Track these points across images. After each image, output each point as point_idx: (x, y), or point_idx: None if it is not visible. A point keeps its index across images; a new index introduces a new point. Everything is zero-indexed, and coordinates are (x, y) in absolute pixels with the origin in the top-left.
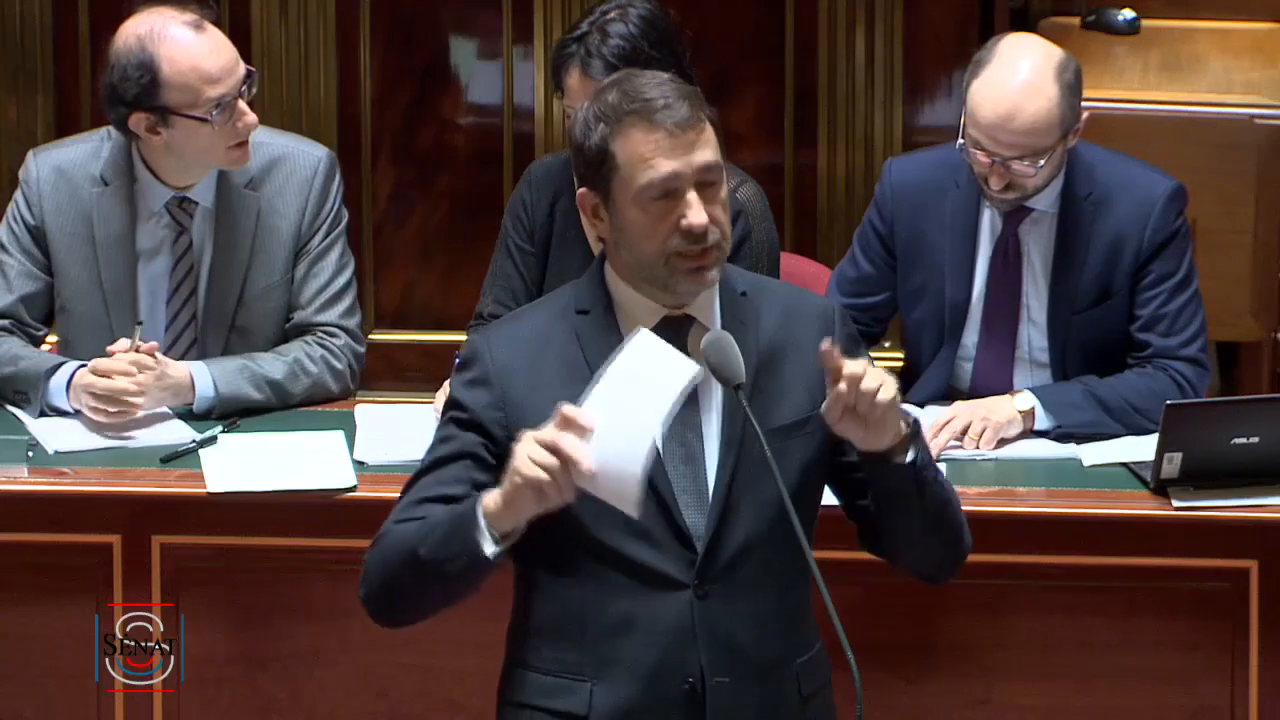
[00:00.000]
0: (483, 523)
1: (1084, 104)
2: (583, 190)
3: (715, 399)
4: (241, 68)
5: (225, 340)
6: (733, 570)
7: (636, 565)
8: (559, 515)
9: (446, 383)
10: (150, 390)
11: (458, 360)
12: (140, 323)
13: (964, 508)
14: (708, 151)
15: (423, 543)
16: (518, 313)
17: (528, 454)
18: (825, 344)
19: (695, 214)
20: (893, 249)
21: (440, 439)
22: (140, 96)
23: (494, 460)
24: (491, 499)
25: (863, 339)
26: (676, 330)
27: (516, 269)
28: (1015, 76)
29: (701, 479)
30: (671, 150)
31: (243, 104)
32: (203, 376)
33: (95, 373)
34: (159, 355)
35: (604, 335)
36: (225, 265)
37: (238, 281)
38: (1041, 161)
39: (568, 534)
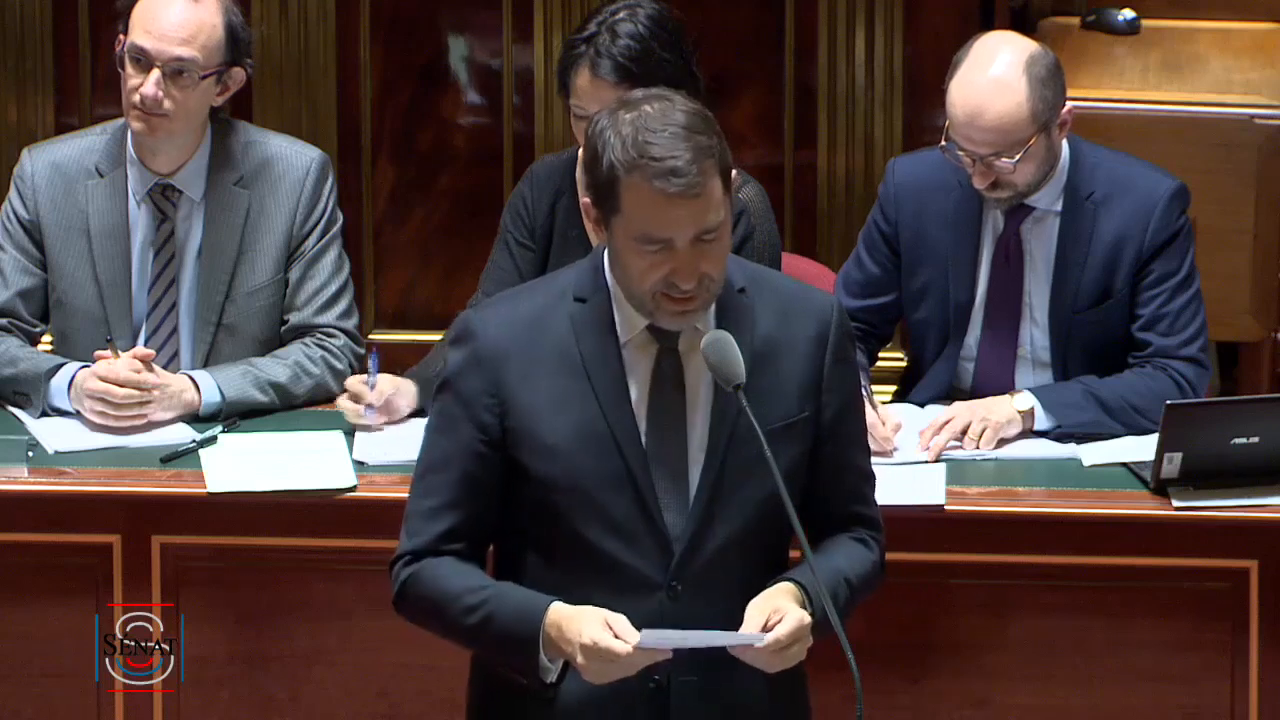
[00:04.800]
0: (544, 660)
1: (1084, 104)
2: (586, 200)
3: (702, 399)
4: (181, 50)
5: (212, 337)
6: (709, 571)
7: (612, 562)
8: (541, 503)
9: (352, 379)
10: (159, 401)
11: (450, 334)
12: (110, 339)
13: (964, 507)
14: (708, 214)
15: (476, 639)
16: (512, 292)
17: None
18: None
19: (684, 279)
20: (898, 249)
21: (437, 428)
22: (123, 9)
23: (491, 451)
24: (552, 642)
25: (872, 340)
26: (670, 330)
27: (514, 263)
28: (984, 74)
29: (683, 480)
30: (672, 215)
31: (143, 75)
32: (207, 383)
33: (101, 379)
34: (156, 369)
35: (599, 326)
36: (212, 260)
37: (225, 277)
38: (1017, 156)
39: (549, 522)
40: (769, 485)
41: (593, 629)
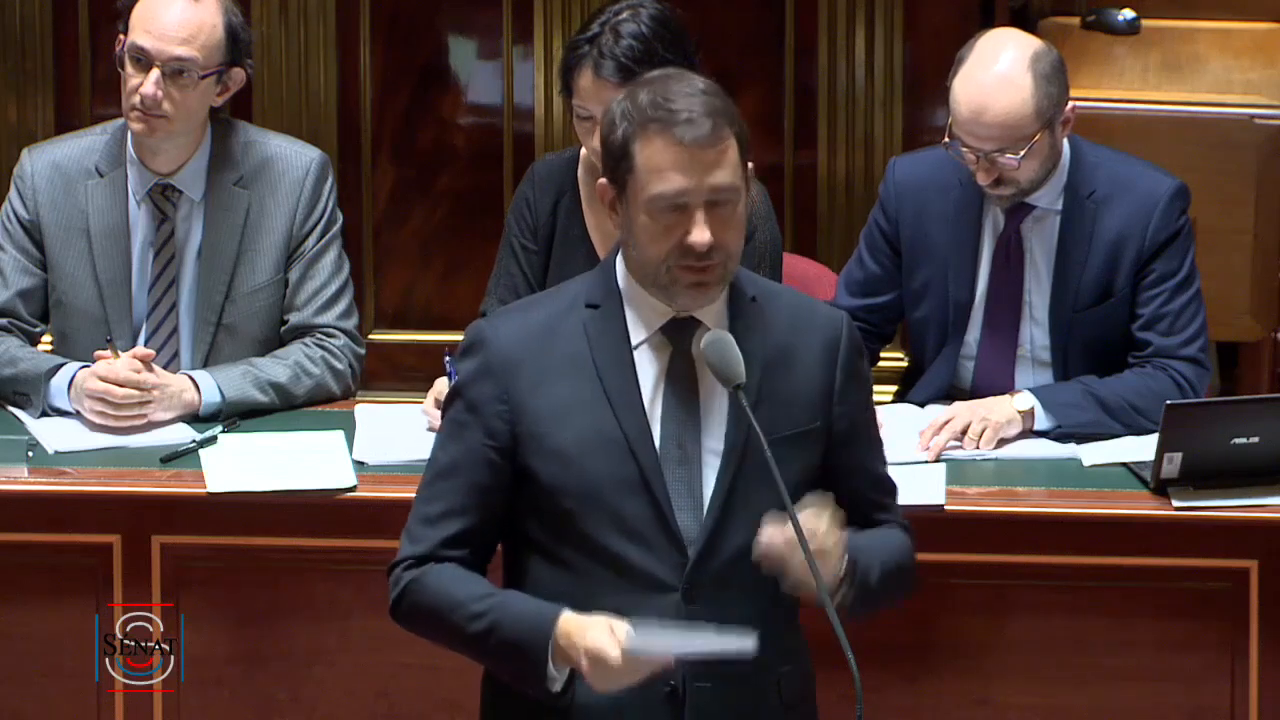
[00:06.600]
0: (552, 670)
1: (1084, 104)
2: (602, 182)
3: (717, 404)
4: (181, 50)
5: (212, 337)
6: (723, 575)
7: (626, 565)
8: (554, 508)
9: (438, 381)
10: (159, 401)
11: (461, 344)
12: (110, 339)
13: (964, 507)
14: (724, 173)
15: (478, 647)
16: (524, 302)
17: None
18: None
19: (698, 234)
20: (898, 248)
21: (447, 435)
22: (123, 8)
23: (499, 459)
24: (561, 651)
25: (873, 339)
26: (683, 332)
27: (520, 268)
28: (988, 70)
29: (697, 483)
30: (687, 166)
31: (142, 75)
32: (207, 383)
33: (101, 379)
34: (156, 369)
35: (612, 332)
36: (212, 260)
37: (225, 278)
38: (1021, 152)
39: (562, 528)
40: (788, 489)
41: (596, 634)
